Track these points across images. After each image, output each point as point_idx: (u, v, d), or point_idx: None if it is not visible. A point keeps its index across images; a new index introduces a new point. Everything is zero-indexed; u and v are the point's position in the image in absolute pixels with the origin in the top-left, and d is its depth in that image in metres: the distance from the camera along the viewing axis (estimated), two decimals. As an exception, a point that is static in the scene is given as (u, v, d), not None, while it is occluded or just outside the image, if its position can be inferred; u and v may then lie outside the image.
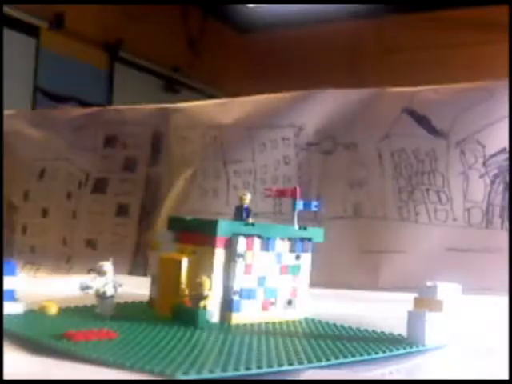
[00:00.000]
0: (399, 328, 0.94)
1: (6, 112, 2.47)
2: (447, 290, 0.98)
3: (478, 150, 1.62)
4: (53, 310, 0.96)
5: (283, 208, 1.78)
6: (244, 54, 6.38)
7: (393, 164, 1.68)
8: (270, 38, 6.16)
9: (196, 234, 1.03)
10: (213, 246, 0.99)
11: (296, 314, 1.07)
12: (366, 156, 1.71)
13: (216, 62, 6.05)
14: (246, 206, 1.12)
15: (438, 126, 1.66)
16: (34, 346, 0.78)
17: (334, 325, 1.01)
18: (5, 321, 0.89)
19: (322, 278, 1.44)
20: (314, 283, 1.12)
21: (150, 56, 5.37)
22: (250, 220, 1.11)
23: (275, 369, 0.71)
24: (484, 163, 1.61)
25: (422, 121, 1.67)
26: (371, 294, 1.52)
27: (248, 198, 1.13)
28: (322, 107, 1.79)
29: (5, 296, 0.95)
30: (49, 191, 2.25)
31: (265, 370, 0.70)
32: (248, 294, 1.01)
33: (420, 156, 1.66)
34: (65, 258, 2.13)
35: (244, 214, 1.11)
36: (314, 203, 1.11)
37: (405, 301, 0.98)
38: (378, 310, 1.29)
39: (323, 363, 0.74)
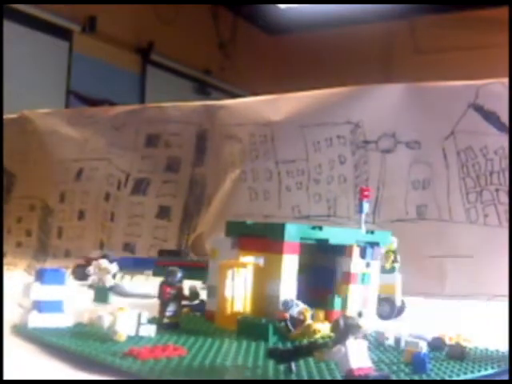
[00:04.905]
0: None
1: (41, 111, 2.41)
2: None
3: None
4: None
5: (338, 211, 1.68)
6: (275, 56, 6.33)
7: (459, 163, 1.58)
8: (300, 40, 6.09)
9: (259, 239, 0.95)
10: (280, 252, 0.91)
11: (366, 326, 0.97)
12: (430, 155, 1.61)
13: (247, 64, 6.01)
14: None
15: (507, 122, 1.55)
16: (94, 364, 0.69)
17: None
18: (55, 335, 0.81)
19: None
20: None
21: (181, 59, 5.34)
22: None
23: None
24: (558, 160, 1.50)
25: (491, 117, 1.56)
26: (438, 302, 1.45)
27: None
28: (380, 103, 1.69)
29: (53, 307, 0.88)
30: (86, 192, 2.17)
31: None
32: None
33: (488, 154, 1.55)
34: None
35: None
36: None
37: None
38: (449, 318, 1.21)
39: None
